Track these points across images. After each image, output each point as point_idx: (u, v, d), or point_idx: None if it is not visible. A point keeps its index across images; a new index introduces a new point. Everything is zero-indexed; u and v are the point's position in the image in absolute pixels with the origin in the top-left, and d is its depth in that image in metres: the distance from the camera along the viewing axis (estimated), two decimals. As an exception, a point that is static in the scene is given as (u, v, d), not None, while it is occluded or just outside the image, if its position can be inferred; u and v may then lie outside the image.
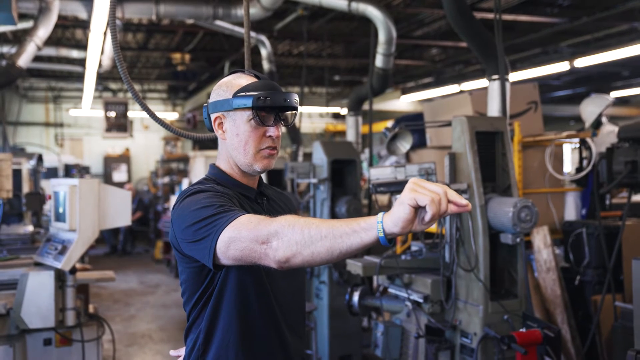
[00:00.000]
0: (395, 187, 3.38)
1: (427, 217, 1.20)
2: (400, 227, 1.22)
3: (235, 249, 1.42)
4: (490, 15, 7.67)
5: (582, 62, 8.74)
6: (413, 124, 4.58)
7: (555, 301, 4.44)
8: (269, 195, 1.85)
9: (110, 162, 15.85)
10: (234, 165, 1.75)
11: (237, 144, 1.70)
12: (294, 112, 1.74)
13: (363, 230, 1.26)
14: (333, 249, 1.29)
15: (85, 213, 3.28)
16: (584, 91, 14.50)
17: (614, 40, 9.73)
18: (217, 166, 1.79)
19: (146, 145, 16.45)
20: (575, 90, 14.72)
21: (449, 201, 1.21)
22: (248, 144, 1.68)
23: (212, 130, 1.76)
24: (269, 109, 1.66)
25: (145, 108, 2.37)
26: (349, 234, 1.27)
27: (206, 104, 1.76)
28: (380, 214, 1.26)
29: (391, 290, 3.92)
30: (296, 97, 1.68)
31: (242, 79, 1.71)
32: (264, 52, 8.51)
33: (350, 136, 7.03)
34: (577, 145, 4.97)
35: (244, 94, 1.65)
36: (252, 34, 8.05)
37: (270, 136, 1.68)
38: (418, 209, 1.21)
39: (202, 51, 11.46)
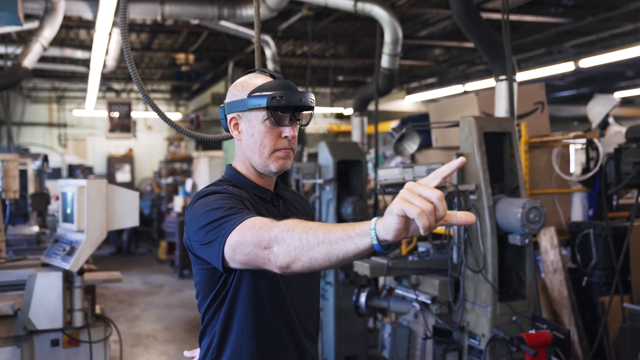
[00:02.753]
0: (403, 188, 3.37)
1: (421, 230, 1.11)
2: (393, 236, 1.15)
3: (241, 254, 1.41)
4: (496, 16, 7.66)
5: (587, 62, 8.72)
6: (420, 124, 4.57)
7: (562, 302, 4.43)
8: (285, 197, 1.83)
9: (113, 163, 15.88)
10: (250, 166, 1.72)
11: (252, 145, 1.68)
12: (310, 112, 1.71)
13: (358, 236, 1.22)
14: (330, 254, 1.26)
15: (93, 214, 3.28)
16: (588, 91, 14.48)
17: (619, 41, 9.72)
18: (234, 167, 1.77)
19: (150, 145, 16.47)
20: (579, 90, 14.70)
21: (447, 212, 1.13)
22: (263, 144, 1.66)
23: (228, 130, 1.74)
24: (284, 108, 1.63)
25: (155, 108, 2.36)
26: (344, 239, 1.23)
27: (222, 105, 1.75)
28: (374, 220, 1.20)
29: (398, 292, 3.91)
30: (312, 97, 1.65)
31: (257, 79, 1.69)
32: (268, 52, 8.50)
33: (356, 136, 7.02)
34: (582, 146, 4.95)
35: (258, 94, 1.63)
36: (257, 34, 8.04)
37: (286, 137, 1.65)
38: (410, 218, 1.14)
39: (206, 51, 11.46)
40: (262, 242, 1.35)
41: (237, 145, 1.75)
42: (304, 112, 1.71)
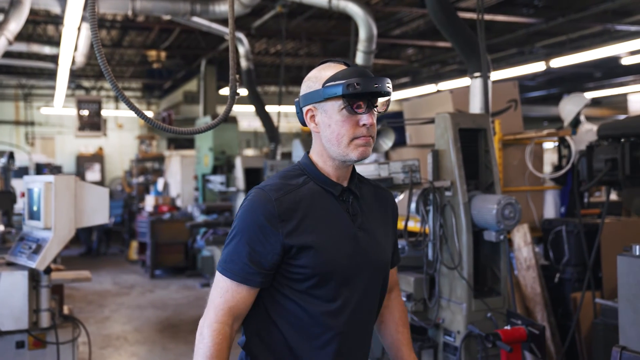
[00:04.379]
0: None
1: None
2: None
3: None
4: (468, 15, 7.71)
5: (557, 62, 8.84)
6: (395, 121, 4.56)
7: (535, 299, 4.46)
8: (358, 193, 1.76)
9: (83, 162, 15.58)
10: (328, 158, 1.69)
11: (330, 135, 1.64)
12: (387, 97, 1.68)
13: None
14: None
15: (61, 211, 3.17)
16: (557, 92, 14.72)
17: (587, 42, 9.89)
18: (310, 157, 1.74)
19: (120, 144, 16.21)
20: (549, 91, 14.93)
21: None
22: (341, 134, 1.62)
23: (305, 125, 1.71)
24: (361, 96, 1.60)
25: (126, 101, 2.28)
26: None
27: (297, 99, 1.72)
28: None
29: (373, 289, 3.88)
30: (388, 82, 1.63)
31: (329, 70, 1.66)
32: (241, 49, 8.43)
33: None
34: (554, 145, 5.00)
35: (333, 82, 1.60)
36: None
37: (364, 124, 1.62)
38: None
39: (177, 49, 11.32)
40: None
41: (314, 138, 1.72)
42: (381, 99, 1.68)
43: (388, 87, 1.62)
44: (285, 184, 1.66)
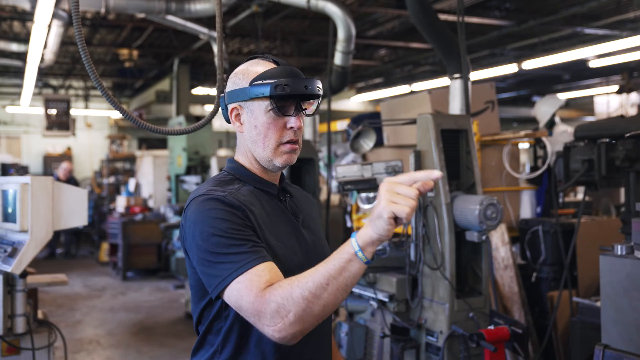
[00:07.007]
0: (363, 185, 3.35)
1: (404, 221, 1.24)
2: (386, 236, 1.25)
3: (239, 310, 1.39)
4: (442, 17, 7.76)
5: (529, 64, 8.99)
6: (375, 121, 4.56)
7: (513, 298, 4.51)
8: (291, 192, 1.71)
9: (50, 162, 15.25)
10: (253, 159, 1.61)
11: (255, 137, 1.57)
12: (316, 100, 1.60)
13: (348, 266, 1.28)
14: (337, 297, 1.31)
15: (38, 213, 3.08)
16: (527, 94, 14.96)
17: (557, 45, 10.08)
18: (236, 160, 1.66)
19: (90, 144, 15.93)
20: (519, 92, 15.16)
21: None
22: (267, 136, 1.55)
23: (229, 122, 1.63)
24: (289, 97, 1.53)
25: (108, 97, 2.23)
26: (337, 276, 1.28)
27: (223, 94, 1.64)
28: (355, 243, 1.27)
29: (355, 290, 3.88)
30: (319, 84, 1.55)
31: (259, 66, 1.58)
32: (216, 49, 8.33)
33: (307, 134, 6.96)
34: (528, 146, 5.06)
35: (261, 82, 1.53)
36: (204, 30, 7.88)
37: (291, 127, 1.55)
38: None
39: (149, 48, 11.15)
40: (260, 313, 1.34)
41: (239, 138, 1.64)
42: (311, 101, 1.60)
43: (318, 88, 1.55)
44: (224, 188, 1.54)
